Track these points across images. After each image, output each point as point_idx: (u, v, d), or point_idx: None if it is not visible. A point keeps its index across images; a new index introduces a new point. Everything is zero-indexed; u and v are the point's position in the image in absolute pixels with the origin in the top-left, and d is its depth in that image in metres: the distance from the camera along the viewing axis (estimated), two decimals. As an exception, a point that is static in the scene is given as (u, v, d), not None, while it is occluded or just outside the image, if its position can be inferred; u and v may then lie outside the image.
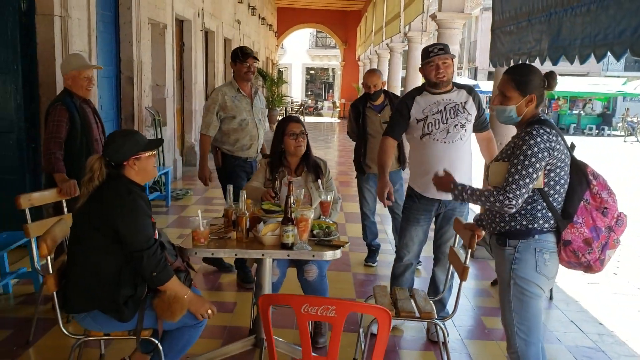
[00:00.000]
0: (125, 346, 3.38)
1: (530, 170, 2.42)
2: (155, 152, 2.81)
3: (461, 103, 3.63)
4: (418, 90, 3.77)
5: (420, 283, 4.66)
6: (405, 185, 4.21)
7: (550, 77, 2.60)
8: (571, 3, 3.37)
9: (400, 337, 3.89)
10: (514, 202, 2.44)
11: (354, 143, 5.35)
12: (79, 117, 4.01)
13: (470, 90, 3.72)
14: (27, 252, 4.54)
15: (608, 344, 3.94)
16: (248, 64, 4.62)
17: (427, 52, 3.60)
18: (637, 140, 24.67)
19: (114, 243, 2.59)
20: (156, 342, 2.71)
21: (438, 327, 3.23)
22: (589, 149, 19.92)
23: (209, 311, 2.74)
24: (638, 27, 2.61)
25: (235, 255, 2.99)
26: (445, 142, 3.60)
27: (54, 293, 2.67)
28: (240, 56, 4.62)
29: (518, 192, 2.43)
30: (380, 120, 5.09)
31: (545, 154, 2.44)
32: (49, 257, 2.65)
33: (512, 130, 2.85)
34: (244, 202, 3.09)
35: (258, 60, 4.92)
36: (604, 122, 27.75)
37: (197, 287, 2.95)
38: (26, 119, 5.32)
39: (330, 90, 41.44)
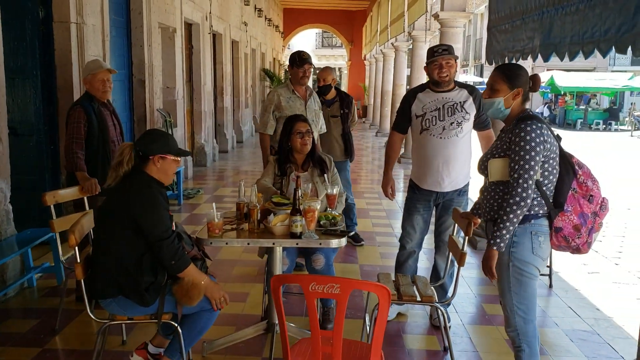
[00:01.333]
0: (145, 332, 3.61)
1: (532, 163, 2.60)
2: (179, 160, 3.02)
3: (460, 102, 3.80)
4: (421, 87, 3.99)
5: (424, 272, 4.86)
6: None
7: (535, 79, 2.79)
8: (562, 2, 3.55)
9: (404, 323, 4.09)
10: (527, 193, 2.60)
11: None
12: (95, 119, 4.24)
13: (472, 90, 3.90)
14: (49, 249, 4.78)
15: (603, 328, 4.13)
16: (304, 69, 4.95)
17: (432, 52, 3.80)
18: (645, 135, 24.66)
19: (135, 234, 2.82)
20: (176, 325, 2.93)
21: (439, 311, 3.43)
22: (596, 144, 20.01)
23: (223, 298, 2.96)
24: (622, 25, 2.79)
25: (248, 244, 3.20)
26: (441, 138, 3.79)
27: (82, 281, 2.90)
28: (298, 61, 4.93)
29: (526, 185, 2.60)
30: (329, 114, 5.74)
31: (541, 146, 2.62)
32: (76, 248, 2.88)
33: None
34: (255, 195, 3.31)
35: (312, 65, 5.26)
36: (610, 117, 27.72)
37: (213, 275, 3.16)
38: (45, 121, 5.57)
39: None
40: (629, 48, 2.74)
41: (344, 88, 36.85)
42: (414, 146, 4.06)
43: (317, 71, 6.07)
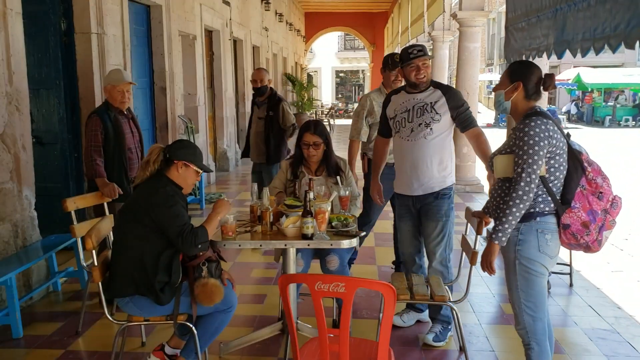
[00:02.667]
0: (164, 335, 3.69)
1: (536, 157, 2.60)
2: (200, 173, 3.15)
3: (431, 103, 3.64)
4: (397, 90, 3.90)
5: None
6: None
7: (548, 78, 2.79)
8: (574, -1, 3.54)
9: (422, 324, 4.07)
10: (530, 187, 2.61)
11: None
12: (111, 127, 4.37)
13: (447, 90, 3.72)
14: (73, 254, 4.92)
15: (624, 326, 4.07)
16: (396, 72, 4.55)
17: (407, 54, 3.63)
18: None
19: (153, 231, 2.93)
20: (191, 325, 3.00)
21: (453, 310, 3.44)
22: (625, 141, 19.60)
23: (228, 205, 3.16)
24: (630, 20, 2.78)
25: (260, 246, 3.25)
26: (408, 140, 3.67)
27: (99, 283, 2.99)
28: (390, 64, 4.59)
29: (529, 179, 2.61)
30: (257, 115, 5.95)
31: (546, 142, 2.62)
32: (93, 251, 2.97)
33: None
34: (267, 198, 3.37)
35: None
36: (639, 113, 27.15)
37: (229, 278, 3.23)
38: (69, 130, 5.72)
39: (361, 92, 41.59)
40: (637, 42, 2.73)
41: (367, 90, 36.88)
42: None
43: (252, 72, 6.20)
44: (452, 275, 3.80)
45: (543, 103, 5.71)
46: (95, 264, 2.96)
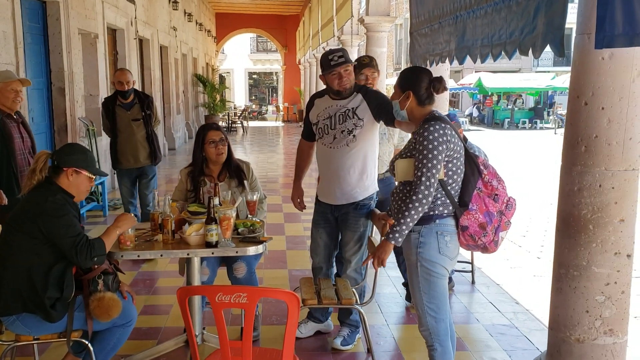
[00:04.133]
0: (59, 351, 3.46)
1: (435, 162, 2.66)
2: (93, 179, 2.93)
3: (352, 108, 3.52)
4: (320, 93, 3.77)
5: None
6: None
7: (437, 81, 2.82)
8: (472, 6, 3.66)
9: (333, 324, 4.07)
10: (429, 191, 2.66)
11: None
12: None
13: (367, 93, 3.58)
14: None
15: (521, 321, 4.27)
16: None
17: (327, 62, 3.48)
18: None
19: (43, 243, 2.71)
20: (87, 342, 2.82)
21: (360, 314, 3.46)
22: (523, 142, 20.83)
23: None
24: (524, 28, 2.90)
25: (161, 256, 3.12)
26: (331, 148, 3.57)
27: (-18, 301, 2.74)
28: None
29: (428, 183, 2.66)
30: (129, 117, 5.68)
31: (444, 146, 2.68)
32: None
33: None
34: (168, 205, 3.23)
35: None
36: (536, 115, 28.94)
37: (128, 290, 3.07)
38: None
39: (275, 94, 41.57)
40: (530, 50, 2.86)
41: (280, 92, 36.92)
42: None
43: (115, 73, 5.86)
44: (366, 280, 3.80)
45: (444, 106, 5.90)
46: (-24, 280, 2.71)
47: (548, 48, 2.66)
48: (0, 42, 5.62)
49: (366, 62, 4.17)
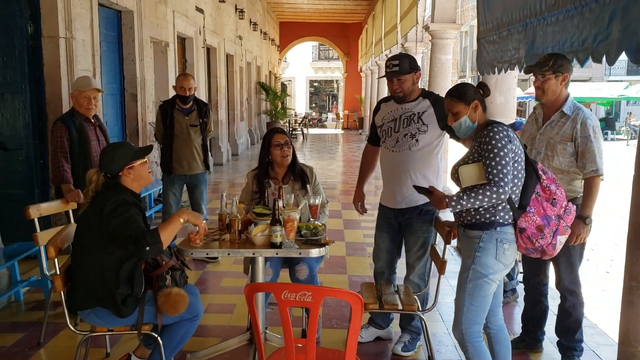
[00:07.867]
0: (130, 344, 3.61)
1: (507, 159, 2.69)
2: (147, 159, 3.03)
3: (418, 113, 3.53)
4: (387, 98, 3.82)
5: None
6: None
7: (484, 86, 2.91)
8: (543, 13, 3.61)
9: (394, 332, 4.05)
10: (505, 189, 2.67)
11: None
12: (76, 134, 4.30)
13: (436, 101, 3.56)
14: (37, 263, 4.79)
15: (589, 335, 4.09)
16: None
17: (385, 67, 3.58)
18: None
19: (110, 241, 2.81)
20: (156, 335, 2.93)
21: (421, 319, 3.44)
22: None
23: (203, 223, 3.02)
24: (597, 35, 2.85)
25: (228, 254, 3.21)
26: (393, 151, 3.59)
27: (61, 292, 2.91)
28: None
29: (506, 180, 2.68)
30: (187, 122, 5.58)
31: (510, 146, 2.72)
32: (55, 260, 2.89)
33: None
34: (235, 206, 3.32)
35: None
36: (607, 126, 27.82)
37: (193, 285, 3.18)
38: (34, 136, 5.59)
39: (335, 102, 41.75)
40: (604, 57, 2.80)
41: (340, 100, 37.08)
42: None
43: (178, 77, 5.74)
44: (429, 288, 3.77)
45: (512, 114, 5.79)
46: (58, 273, 2.88)
47: (622, 56, 2.61)
48: (80, 49, 5.94)
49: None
